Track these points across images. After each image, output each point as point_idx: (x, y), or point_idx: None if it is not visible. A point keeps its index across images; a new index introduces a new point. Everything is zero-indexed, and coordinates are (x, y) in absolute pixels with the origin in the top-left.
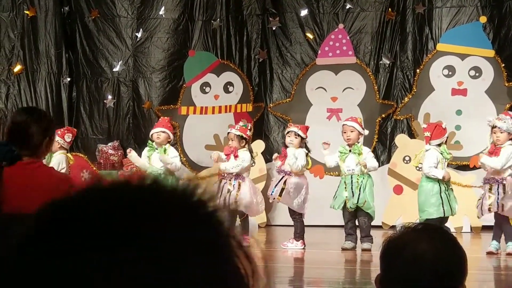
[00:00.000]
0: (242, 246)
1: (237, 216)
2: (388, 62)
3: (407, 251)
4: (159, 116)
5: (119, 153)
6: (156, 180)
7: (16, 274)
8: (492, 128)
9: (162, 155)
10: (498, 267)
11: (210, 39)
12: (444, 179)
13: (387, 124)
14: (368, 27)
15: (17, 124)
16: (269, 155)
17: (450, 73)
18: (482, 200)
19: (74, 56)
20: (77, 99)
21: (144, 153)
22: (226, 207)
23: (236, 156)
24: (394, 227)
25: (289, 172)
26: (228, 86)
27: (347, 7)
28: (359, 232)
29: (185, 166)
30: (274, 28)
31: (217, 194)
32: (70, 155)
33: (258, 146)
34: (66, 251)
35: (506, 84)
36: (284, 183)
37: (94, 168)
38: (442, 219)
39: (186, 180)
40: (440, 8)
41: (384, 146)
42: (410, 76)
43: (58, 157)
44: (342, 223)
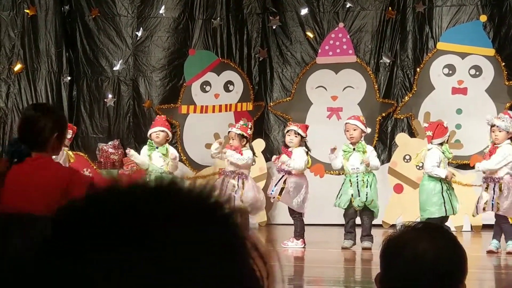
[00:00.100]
0: (257, 248)
1: (249, 217)
2: (388, 61)
3: (407, 250)
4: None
5: (120, 152)
6: (174, 181)
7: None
8: (491, 127)
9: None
10: (498, 266)
11: (211, 38)
12: (447, 178)
13: (387, 123)
14: (368, 26)
15: (26, 119)
16: (269, 154)
17: (451, 72)
18: (479, 199)
19: (75, 55)
20: (77, 98)
21: (144, 152)
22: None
23: (241, 154)
24: (394, 226)
25: (289, 171)
26: (228, 85)
27: (347, 6)
28: (358, 231)
29: (185, 165)
30: (274, 27)
31: (221, 191)
32: (71, 153)
33: (259, 145)
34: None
35: (506, 83)
36: (284, 182)
37: (95, 167)
38: (443, 218)
39: (203, 182)
40: (440, 7)
41: (384, 145)
42: (410, 75)
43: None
44: (342, 222)
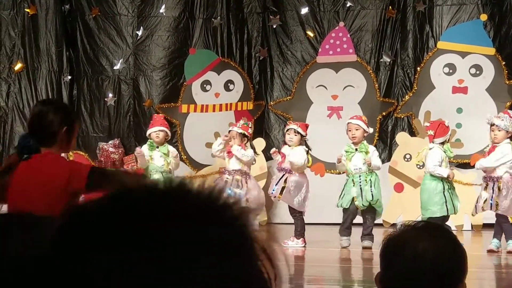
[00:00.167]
0: (265, 250)
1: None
2: (388, 60)
3: (408, 249)
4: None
5: (120, 151)
6: (182, 183)
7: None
8: (491, 126)
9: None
10: (498, 265)
11: (211, 37)
12: (449, 177)
13: (387, 122)
14: (369, 25)
15: (35, 114)
16: (269, 153)
17: (451, 71)
18: (478, 198)
19: (75, 54)
20: (77, 97)
21: (145, 152)
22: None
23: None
24: (394, 225)
25: (289, 170)
26: (228, 84)
27: (348, 5)
28: (358, 230)
29: (185, 164)
30: (274, 26)
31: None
32: (71, 152)
33: (259, 144)
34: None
35: (507, 82)
36: (285, 182)
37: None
38: (444, 217)
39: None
40: (441, 6)
41: (384, 144)
42: (411, 74)
43: None
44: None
